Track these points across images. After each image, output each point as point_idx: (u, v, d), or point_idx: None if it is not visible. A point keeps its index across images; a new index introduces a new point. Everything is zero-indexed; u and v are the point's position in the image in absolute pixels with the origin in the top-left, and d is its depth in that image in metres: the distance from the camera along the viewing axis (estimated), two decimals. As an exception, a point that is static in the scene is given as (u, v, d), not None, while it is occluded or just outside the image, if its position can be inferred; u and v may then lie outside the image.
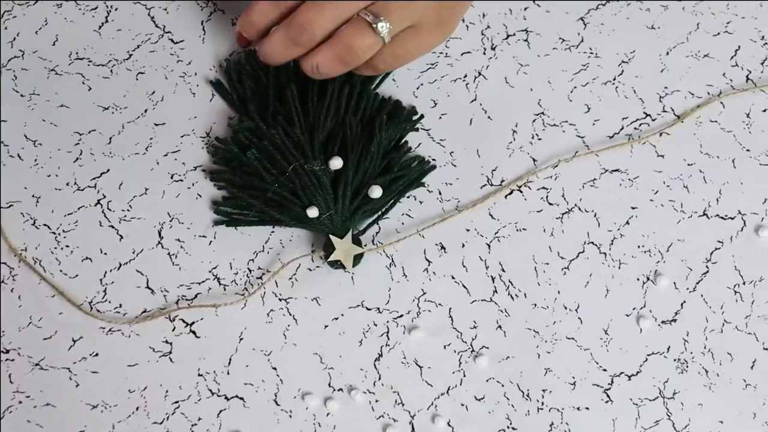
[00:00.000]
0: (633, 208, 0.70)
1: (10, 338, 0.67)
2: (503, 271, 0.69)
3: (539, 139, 0.72)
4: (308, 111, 0.70)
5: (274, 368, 0.67)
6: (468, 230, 0.70)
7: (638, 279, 0.69)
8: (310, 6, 0.63)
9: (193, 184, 0.71)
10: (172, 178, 0.71)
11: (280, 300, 0.68)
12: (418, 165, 0.71)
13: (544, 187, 0.71)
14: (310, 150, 0.69)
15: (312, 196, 0.68)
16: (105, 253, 0.69)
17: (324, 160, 0.68)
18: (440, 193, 0.71)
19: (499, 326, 0.68)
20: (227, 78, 0.73)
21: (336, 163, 0.68)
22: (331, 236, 0.67)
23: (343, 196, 0.68)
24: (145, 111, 0.72)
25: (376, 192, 0.68)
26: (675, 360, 0.67)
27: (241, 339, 0.68)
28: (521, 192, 0.71)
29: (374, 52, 0.65)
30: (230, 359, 0.67)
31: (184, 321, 0.68)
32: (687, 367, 0.67)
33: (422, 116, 0.72)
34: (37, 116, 0.72)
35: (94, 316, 0.68)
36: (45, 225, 0.70)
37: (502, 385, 0.67)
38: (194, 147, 0.71)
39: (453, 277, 0.69)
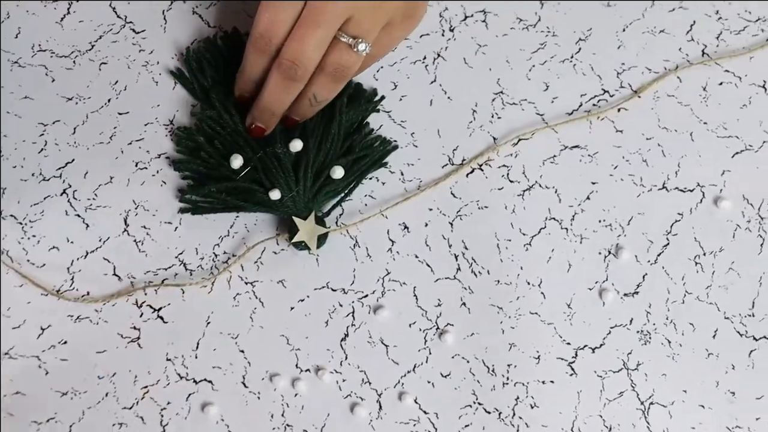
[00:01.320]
0: (593, 183, 0.71)
1: (-21, 328, 0.68)
2: (466, 248, 0.70)
3: (499, 117, 0.73)
4: None
5: (242, 351, 0.68)
6: (430, 209, 0.71)
7: (600, 253, 0.70)
8: (292, 42, 0.64)
9: (157, 172, 0.71)
10: (136, 166, 0.71)
11: (246, 283, 0.69)
12: (380, 145, 0.71)
13: (504, 165, 0.72)
14: (272, 134, 0.69)
15: (274, 178, 0.68)
16: (72, 242, 0.70)
17: (285, 143, 0.69)
18: (402, 174, 0.71)
19: (464, 303, 0.69)
20: (188, 67, 0.73)
21: (296, 144, 0.69)
22: (294, 218, 0.68)
23: (305, 177, 0.68)
24: (109, 101, 0.73)
25: (338, 172, 0.69)
26: (638, 332, 0.68)
27: (208, 323, 0.68)
28: (482, 170, 0.72)
29: (360, 64, 0.66)
30: (198, 343, 0.68)
31: (151, 307, 0.68)
32: (650, 338, 0.68)
33: (383, 98, 0.73)
34: (1, 108, 0.72)
35: (64, 298, 0.68)
36: (11, 216, 0.70)
37: (468, 362, 0.68)
38: (158, 135, 0.72)
39: (416, 256, 0.70)
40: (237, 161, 0.68)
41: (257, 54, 0.66)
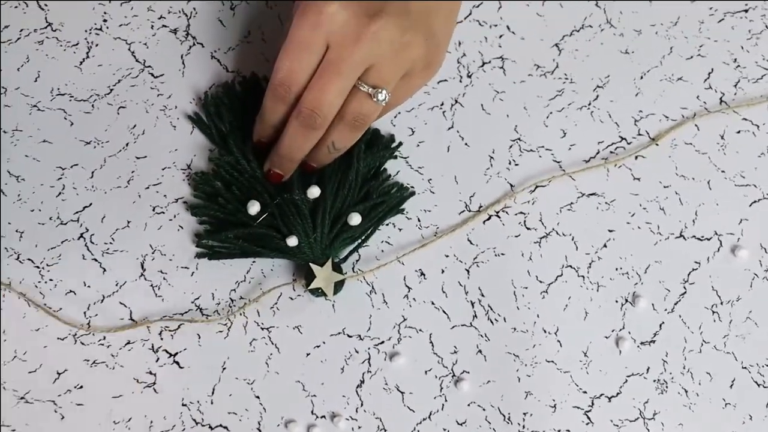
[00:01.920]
0: (610, 231, 0.71)
1: (-5, 372, 0.68)
2: (482, 295, 0.70)
3: (516, 164, 0.73)
4: None
5: (257, 397, 0.68)
6: (447, 256, 0.71)
7: (617, 301, 0.70)
8: (313, 91, 0.64)
9: (174, 216, 0.71)
10: (153, 210, 0.72)
11: (262, 329, 0.69)
12: (397, 192, 0.71)
13: (521, 212, 0.72)
14: (289, 181, 0.70)
15: (291, 225, 0.68)
16: (88, 286, 0.70)
17: (302, 189, 0.69)
18: (419, 220, 0.71)
19: (480, 351, 0.69)
20: (206, 112, 0.73)
21: (314, 191, 0.69)
22: (311, 264, 0.68)
23: (322, 224, 0.69)
24: (127, 145, 0.73)
25: (355, 219, 0.69)
26: (654, 381, 0.68)
27: (224, 368, 0.68)
28: (499, 217, 0.72)
29: (378, 112, 0.67)
30: (214, 389, 0.68)
31: (167, 351, 0.68)
32: (666, 387, 0.68)
33: (400, 144, 0.73)
34: (20, 152, 0.73)
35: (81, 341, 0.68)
36: (29, 259, 0.70)
37: (484, 409, 0.68)
38: (175, 179, 0.72)
39: (433, 303, 0.70)
40: (254, 207, 0.69)
41: (276, 101, 0.66)
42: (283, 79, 0.65)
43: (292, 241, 0.68)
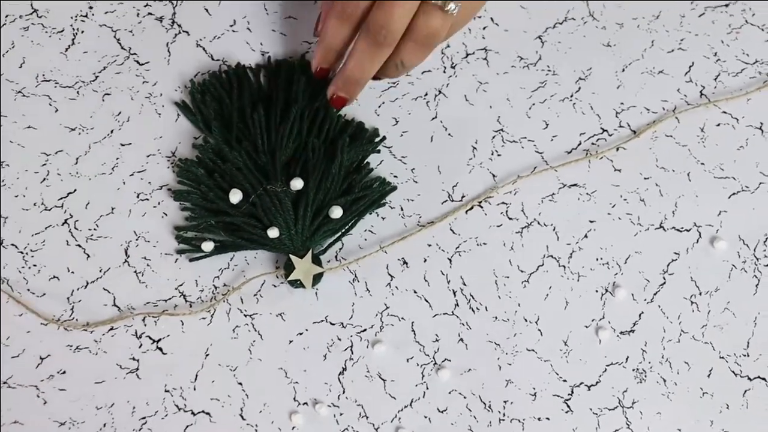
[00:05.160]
0: (591, 221, 0.72)
1: (-22, 357, 0.68)
2: (464, 285, 0.70)
3: (499, 155, 0.73)
4: (271, 133, 0.71)
5: (240, 383, 0.68)
6: (430, 245, 0.71)
7: (597, 291, 0.70)
8: (381, 6, 0.63)
9: (159, 203, 0.72)
10: (138, 197, 0.72)
11: (245, 316, 0.69)
12: (379, 186, 0.72)
13: (503, 202, 0.72)
14: (273, 171, 0.70)
15: (273, 216, 0.69)
16: (72, 272, 0.70)
17: (285, 181, 0.69)
18: (402, 210, 0.72)
19: (461, 339, 0.69)
20: (192, 99, 0.73)
21: (297, 183, 0.69)
22: (291, 256, 0.68)
23: (304, 217, 0.69)
24: (111, 131, 0.73)
25: (336, 212, 0.69)
26: (634, 370, 0.69)
27: (207, 355, 0.69)
28: (481, 207, 0.72)
29: (448, 27, 0.65)
30: (196, 375, 0.68)
31: (150, 338, 0.69)
32: (645, 376, 0.68)
33: (384, 138, 0.73)
34: (4, 138, 0.73)
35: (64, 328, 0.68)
36: (12, 245, 0.70)
37: (465, 397, 0.68)
38: (160, 167, 0.72)
39: (415, 292, 0.70)
40: (236, 196, 0.69)
41: (342, 21, 0.65)
42: (381, 21, 0.63)
43: (273, 233, 0.68)
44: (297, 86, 0.72)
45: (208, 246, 0.69)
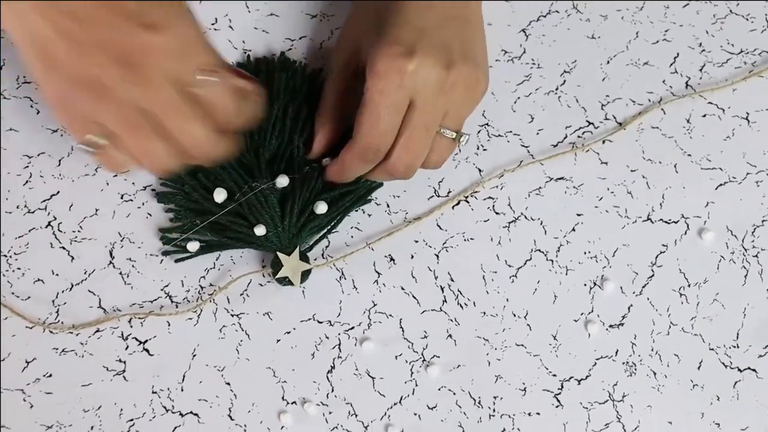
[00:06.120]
0: (578, 215, 0.71)
1: (-37, 362, 0.68)
2: (452, 280, 0.70)
3: (485, 149, 0.73)
4: (253, 131, 0.70)
5: (228, 383, 0.68)
6: (416, 241, 0.71)
7: (585, 284, 0.70)
8: (406, 152, 0.64)
9: (143, 204, 0.71)
10: (122, 198, 0.71)
11: (232, 316, 0.69)
12: (365, 181, 0.71)
13: (490, 197, 0.72)
14: (257, 169, 0.69)
15: (259, 214, 0.68)
16: (57, 275, 0.70)
17: (270, 178, 0.69)
18: (388, 206, 0.72)
19: (450, 335, 0.69)
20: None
21: (282, 180, 0.69)
22: (278, 253, 0.68)
23: (290, 214, 0.68)
24: (94, 132, 0.73)
25: (321, 208, 0.69)
26: (623, 363, 0.68)
27: (194, 355, 0.68)
28: (468, 202, 0.72)
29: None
30: (184, 376, 0.68)
31: (136, 339, 0.68)
32: (635, 369, 0.68)
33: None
34: (-15, 140, 0.72)
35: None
36: (-4, 248, 0.70)
37: (454, 393, 0.68)
38: (143, 167, 0.72)
39: (403, 288, 0.70)
40: (220, 195, 0.68)
41: (365, 163, 0.65)
42: (371, 143, 0.63)
43: (260, 231, 0.68)
44: (278, 84, 0.72)
45: (193, 246, 0.69)
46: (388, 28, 0.63)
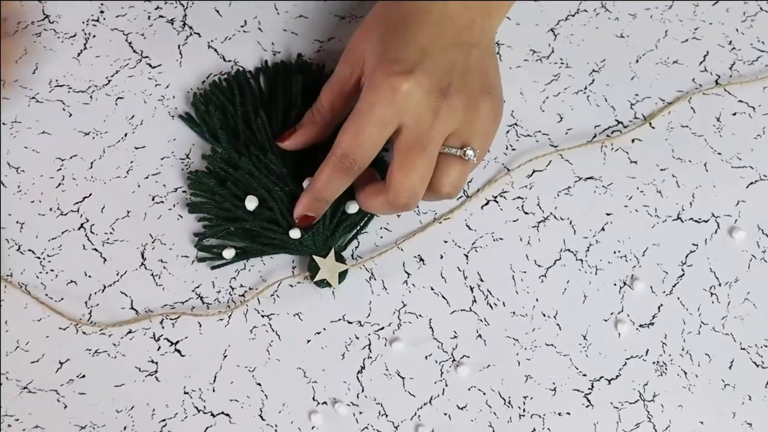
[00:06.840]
0: (608, 214, 0.71)
1: (-2, 363, 0.68)
2: (482, 280, 0.70)
3: (513, 149, 0.73)
4: (276, 135, 0.70)
5: (259, 384, 0.68)
6: (446, 241, 0.71)
7: (615, 284, 0.70)
8: (404, 172, 0.63)
9: (174, 206, 0.72)
10: (153, 200, 0.72)
11: (262, 316, 0.69)
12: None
13: (519, 197, 0.72)
14: (285, 173, 0.70)
15: (292, 218, 0.68)
16: (89, 276, 0.70)
17: (299, 181, 0.69)
18: (417, 206, 0.72)
19: (479, 335, 0.69)
20: (195, 110, 0.73)
21: (310, 183, 0.69)
22: (314, 256, 0.68)
23: (323, 215, 0.69)
24: (125, 135, 0.73)
25: (352, 207, 0.69)
26: (654, 363, 0.68)
27: (225, 356, 0.69)
28: (497, 202, 0.72)
29: (470, 171, 0.67)
30: (215, 376, 0.68)
31: (168, 340, 0.69)
32: (666, 369, 0.68)
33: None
34: (19, 143, 0.73)
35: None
36: (30, 250, 0.71)
37: (484, 393, 0.68)
38: (174, 169, 0.72)
39: (432, 289, 0.70)
40: (252, 203, 0.69)
41: (341, 173, 0.65)
42: (348, 150, 0.63)
43: (295, 234, 0.68)
44: (296, 87, 0.72)
45: (229, 253, 0.69)
46: (393, 44, 0.63)
